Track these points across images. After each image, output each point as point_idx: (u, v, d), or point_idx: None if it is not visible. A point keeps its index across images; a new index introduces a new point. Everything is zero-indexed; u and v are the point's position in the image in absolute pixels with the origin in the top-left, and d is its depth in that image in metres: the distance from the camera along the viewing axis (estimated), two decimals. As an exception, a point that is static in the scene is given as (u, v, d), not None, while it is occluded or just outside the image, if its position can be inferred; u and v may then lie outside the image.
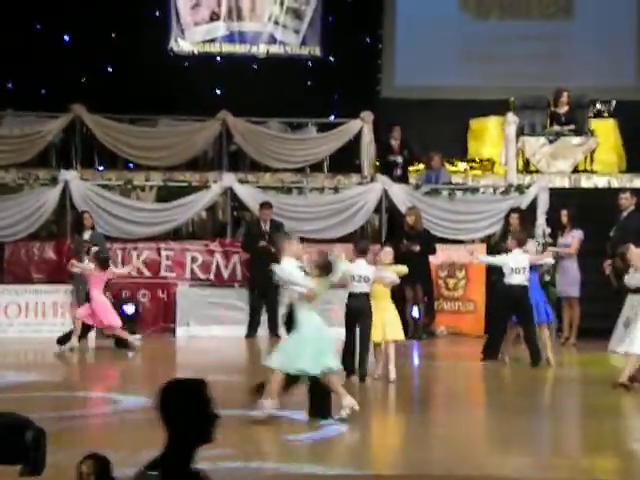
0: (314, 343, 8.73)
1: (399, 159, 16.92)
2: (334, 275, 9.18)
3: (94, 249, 14.57)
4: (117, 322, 13.88)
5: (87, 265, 14.09)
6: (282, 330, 13.27)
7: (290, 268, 9.17)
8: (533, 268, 12.65)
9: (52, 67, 18.24)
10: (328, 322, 12.65)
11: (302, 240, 14.09)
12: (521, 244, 12.52)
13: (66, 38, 19.44)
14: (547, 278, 15.13)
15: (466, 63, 19.25)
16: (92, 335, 14.28)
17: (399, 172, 16.84)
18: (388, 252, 11.68)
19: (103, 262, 13.99)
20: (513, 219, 15.22)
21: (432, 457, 7.90)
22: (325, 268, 9.03)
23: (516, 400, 10.49)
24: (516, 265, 12.31)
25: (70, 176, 16.18)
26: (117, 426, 9.07)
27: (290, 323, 9.23)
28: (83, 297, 15.04)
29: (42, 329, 15.03)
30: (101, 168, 17.49)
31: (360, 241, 12.11)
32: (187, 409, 3.89)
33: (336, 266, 9.29)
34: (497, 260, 12.68)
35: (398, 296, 15.21)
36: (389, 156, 17.00)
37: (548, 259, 13.30)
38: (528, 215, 15.61)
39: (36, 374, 11.68)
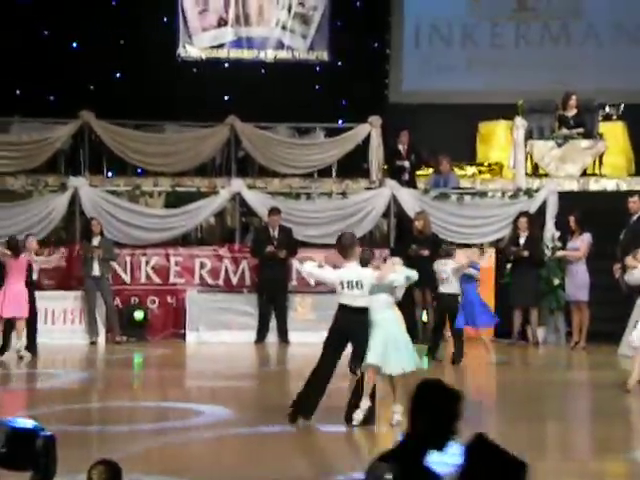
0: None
1: (406, 164, 16.89)
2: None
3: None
4: (23, 313, 13.29)
5: (2, 250, 13.65)
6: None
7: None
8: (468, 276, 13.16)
9: (60, 73, 18.28)
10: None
11: (309, 245, 14.17)
12: (448, 255, 13.19)
13: (74, 45, 19.48)
14: (556, 282, 15.12)
15: (474, 67, 19.24)
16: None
17: (406, 177, 16.82)
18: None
19: (13, 248, 13.45)
20: (522, 223, 15.21)
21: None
22: None
23: (525, 404, 10.47)
24: (442, 275, 13.11)
25: (79, 182, 16.20)
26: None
27: None
28: (94, 303, 15.08)
29: (52, 336, 15.03)
30: (110, 174, 17.52)
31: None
32: (441, 410, 3.94)
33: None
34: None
35: (407, 300, 15.28)
36: (396, 161, 16.98)
37: (471, 270, 13.25)
38: (537, 219, 15.60)
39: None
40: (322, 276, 9.56)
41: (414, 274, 9.56)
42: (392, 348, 8.97)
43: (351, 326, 9.02)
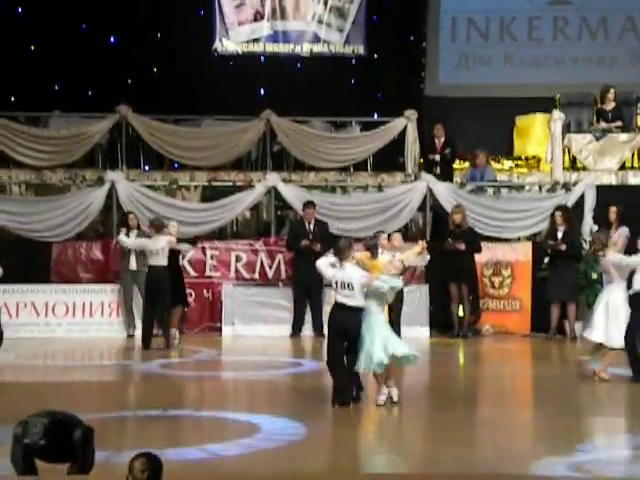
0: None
1: (437, 157, 16.83)
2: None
3: None
4: None
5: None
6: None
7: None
8: None
9: (98, 68, 18.40)
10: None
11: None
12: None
13: (112, 39, 19.60)
14: (594, 276, 15.01)
15: (511, 61, 19.14)
16: None
17: (438, 170, 16.75)
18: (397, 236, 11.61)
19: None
20: (557, 217, 15.13)
21: (477, 456, 7.88)
22: None
23: (561, 399, 10.43)
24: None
25: (116, 177, 16.31)
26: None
27: None
28: (131, 296, 15.18)
29: (90, 329, 15.18)
30: (147, 168, 17.61)
31: (370, 238, 10.87)
32: None
33: None
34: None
35: (443, 294, 15.26)
36: (430, 154, 16.93)
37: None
38: (575, 213, 15.50)
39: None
40: (323, 273, 9.93)
41: (398, 283, 9.84)
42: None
43: (345, 323, 9.56)
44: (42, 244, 15.85)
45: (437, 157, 16.80)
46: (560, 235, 15.05)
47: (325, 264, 9.85)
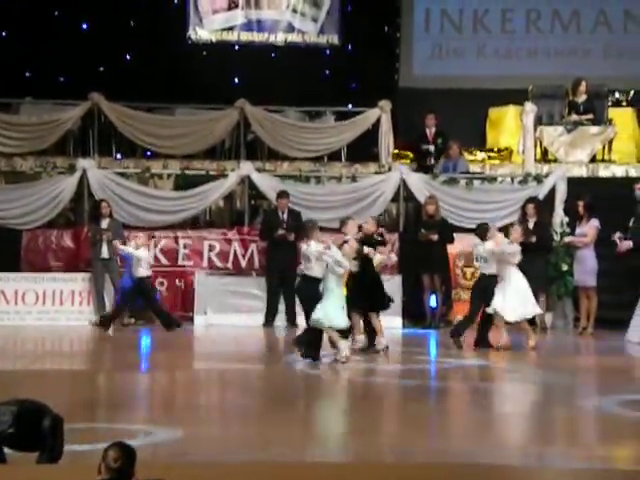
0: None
1: (432, 148, 16.88)
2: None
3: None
4: None
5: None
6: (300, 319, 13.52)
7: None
8: None
9: (70, 55, 18.29)
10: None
11: (320, 229, 14.27)
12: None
13: (84, 26, 19.48)
14: (565, 267, 15.12)
15: (484, 52, 19.20)
16: None
17: (432, 161, 16.79)
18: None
19: None
20: (529, 209, 15.20)
21: (451, 446, 7.91)
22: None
23: (533, 390, 10.49)
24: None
25: (88, 164, 16.23)
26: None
27: None
28: (102, 285, 15.13)
29: (60, 317, 15.11)
30: (119, 156, 17.53)
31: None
32: None
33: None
34: None
35: (416, 284, 15.31)
36: (422, 145, 16.95)
37: None
38: (546, 205, 15.58)
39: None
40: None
41: (345, 264, 11.63)
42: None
43: (302, 289, 12.24)
44: (12, 232, 15.77)
45: (431, 147, 16.85)
46: (531, 227, 15.12)
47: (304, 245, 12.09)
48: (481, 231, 13.19)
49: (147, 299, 14.60)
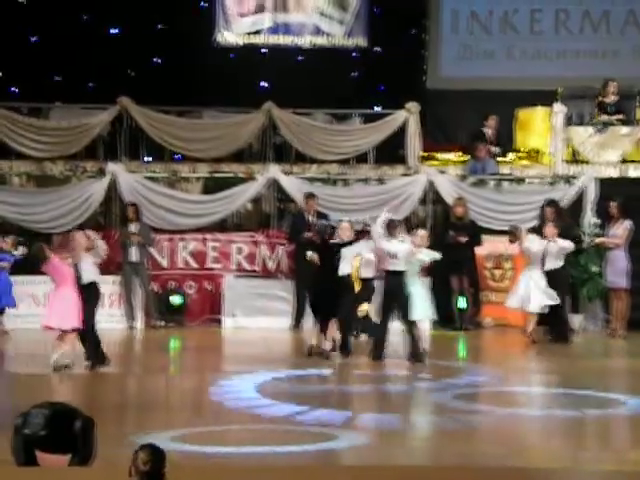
0: None
1: (497, 150, 16.85)
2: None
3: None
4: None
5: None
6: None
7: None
8: None
9: (99, 60, 18.38)
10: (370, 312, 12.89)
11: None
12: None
13: (113, 30, 19.57)
14: (594, 269, 15.01)
15: (513, 54, 19.10)
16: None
17: (496, 162, 16.76)
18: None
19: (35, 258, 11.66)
20: (548, 212, 15.07)
21: (477, 449, 7.88)
22: None
23: (564, 392, 10.43)
24: None
25: (117, 168, 16.31)
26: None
27: None
28: (132, 288, 15.19)
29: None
30: (148, 160, 17.59)
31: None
32: None
33: None
34: None
35: (444, 286, 15.25)
36: (489, 146, 16.88)
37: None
38: (576, 206, 15.49)
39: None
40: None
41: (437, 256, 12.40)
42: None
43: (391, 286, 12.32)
44: (42, 235, 15.84)
45: (497, 149, 16.83)
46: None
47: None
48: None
49: None
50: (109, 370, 11.81)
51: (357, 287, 13.01)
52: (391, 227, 12.40)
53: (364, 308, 13.05)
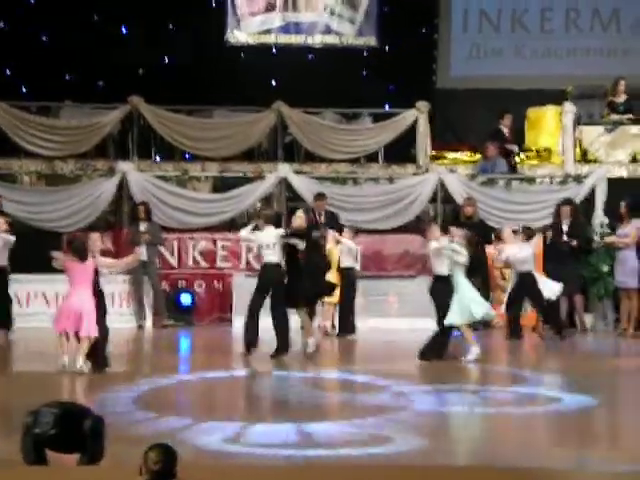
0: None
1: (515, 148, 16.86)
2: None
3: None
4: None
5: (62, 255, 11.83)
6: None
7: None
8: None
9: (110, 58, 18.40)
10: (383, 312, 13.00)
11: (357, 231, 14.35)
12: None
13: (123, 30, 19.60)
14: (605, 269, 14.98)
15: (523, 53, 19.08)
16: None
17: (515, 161, 16.77)
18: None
19: (79, 252, 11.30)
20: (564, 211, 15.04)
21: (495, 449, 7.87)
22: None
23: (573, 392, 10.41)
24: None
25: (127, 167, 16.33)
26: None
27: None
28: (142, 287, 15.20)
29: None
30: (158, 159, 17.62)
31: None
32: None
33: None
34: None
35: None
36: (505, 145, 16.88)
37: None
38: (586, 205, 15.46)
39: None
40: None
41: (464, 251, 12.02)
42: None
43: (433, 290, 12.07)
44: (52, 234, 15.87)
45: (516, 148, 16.83)
46: (565, 229, 14.99)
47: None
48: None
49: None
50: (117, 370, 11.82)
51: (336, 275, 13.64)
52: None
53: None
